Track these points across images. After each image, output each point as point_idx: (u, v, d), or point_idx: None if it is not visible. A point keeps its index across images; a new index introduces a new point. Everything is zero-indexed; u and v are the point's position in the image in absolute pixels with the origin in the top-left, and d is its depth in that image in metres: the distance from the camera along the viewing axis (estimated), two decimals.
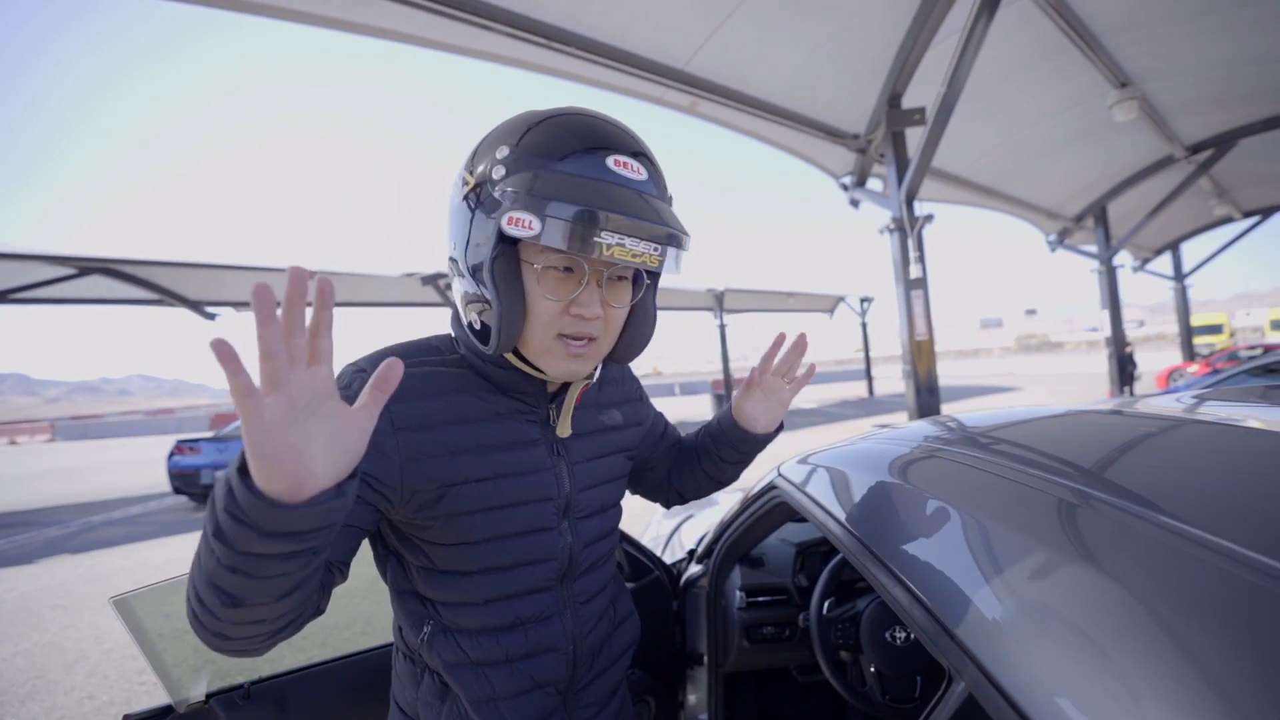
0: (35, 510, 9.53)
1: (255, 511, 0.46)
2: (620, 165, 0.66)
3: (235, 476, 0.46)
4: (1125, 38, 6.07)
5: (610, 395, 0.91)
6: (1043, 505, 0.60)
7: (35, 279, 9.63)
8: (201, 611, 0.54)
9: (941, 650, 0.55)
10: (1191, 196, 11.23)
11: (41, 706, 2.98)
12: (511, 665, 0.75)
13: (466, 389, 0.75)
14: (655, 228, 0.63)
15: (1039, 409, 1.12)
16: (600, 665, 0.85)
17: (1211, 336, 23.66)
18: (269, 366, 0.45)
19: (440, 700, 0.76)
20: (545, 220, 0.61)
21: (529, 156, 0.65)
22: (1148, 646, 0.40)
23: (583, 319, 0.69)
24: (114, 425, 32.96)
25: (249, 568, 0.49)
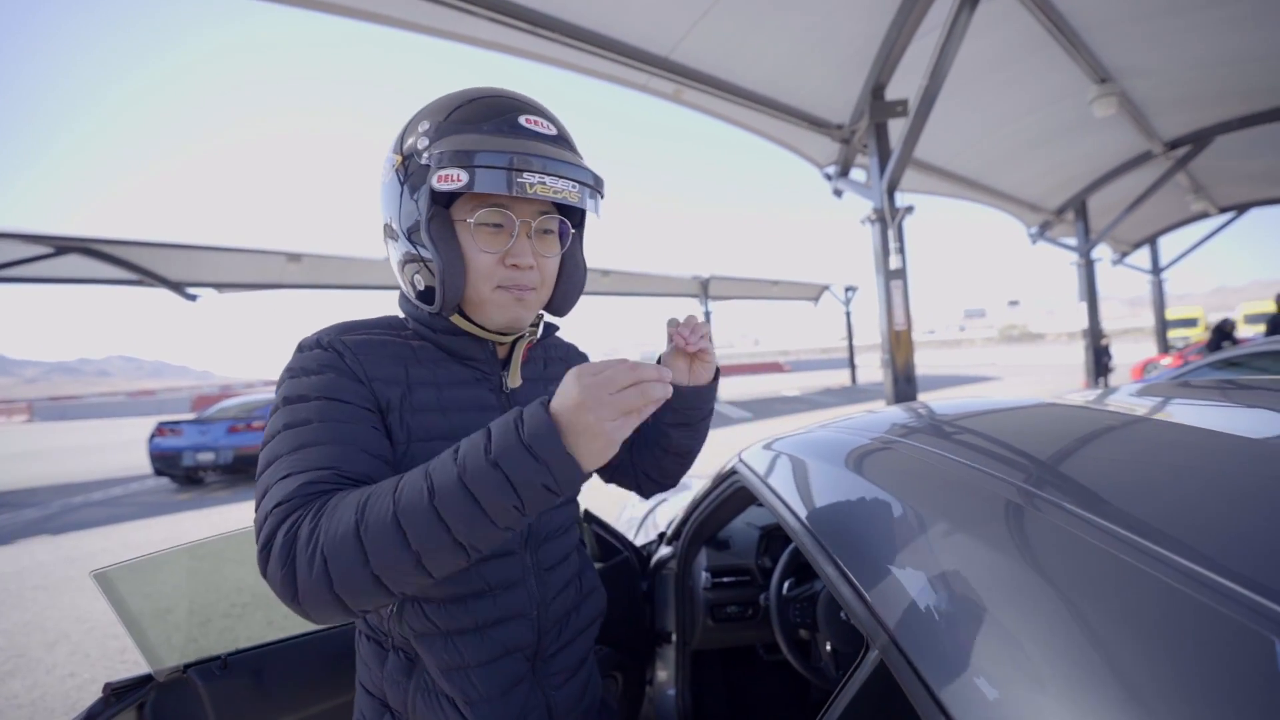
0: (13, 491, 9.42)
1: (559, 466, 0.55)
2: (531, 122, 0.73)
3: (551, 436, 0.54)
4: (1105, 34, 6.13)
5: (557, 371, 0.94)
6: (975, 495, 0.64)
7: (10, 258, 9.43)
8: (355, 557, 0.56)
9: (860, 621, 0.62)
10: (1169, 192, 11.39)
11: (23, 684, 3.01)
12: (481, 632, 0.77)
13: (426, 359, 0.79)
14: (570, 166, 0.70)
15: (1002, 401, 1.17)
16: (568, 635, 0.87)
17: (1187, 330, 24.07)
18: (634, 394, 0.56)
19: (406, 676, 0.78)
20: (471, 171, 0.66)
21: (451, 124, 0.71)
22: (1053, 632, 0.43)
23: (518, 268, 0.75)
24: (94, 406, 32.44)
25: (496, 504, 0.55)
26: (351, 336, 0.75)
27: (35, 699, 2.85)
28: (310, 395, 0.69)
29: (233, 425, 8.57)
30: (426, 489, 0.55)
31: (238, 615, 1.24)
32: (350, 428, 0.68)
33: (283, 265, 11.52)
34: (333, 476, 0.63)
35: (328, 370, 0.71)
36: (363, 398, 0.71)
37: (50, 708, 2.77)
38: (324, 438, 0.66)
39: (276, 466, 0.65)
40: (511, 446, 0.54)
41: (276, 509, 0.60)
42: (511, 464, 0.54)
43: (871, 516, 0.73)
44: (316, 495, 0.61)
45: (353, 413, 0.69)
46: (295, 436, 0.66)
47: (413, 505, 0.55)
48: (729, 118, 6.80)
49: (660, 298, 18.96)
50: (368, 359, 0.73)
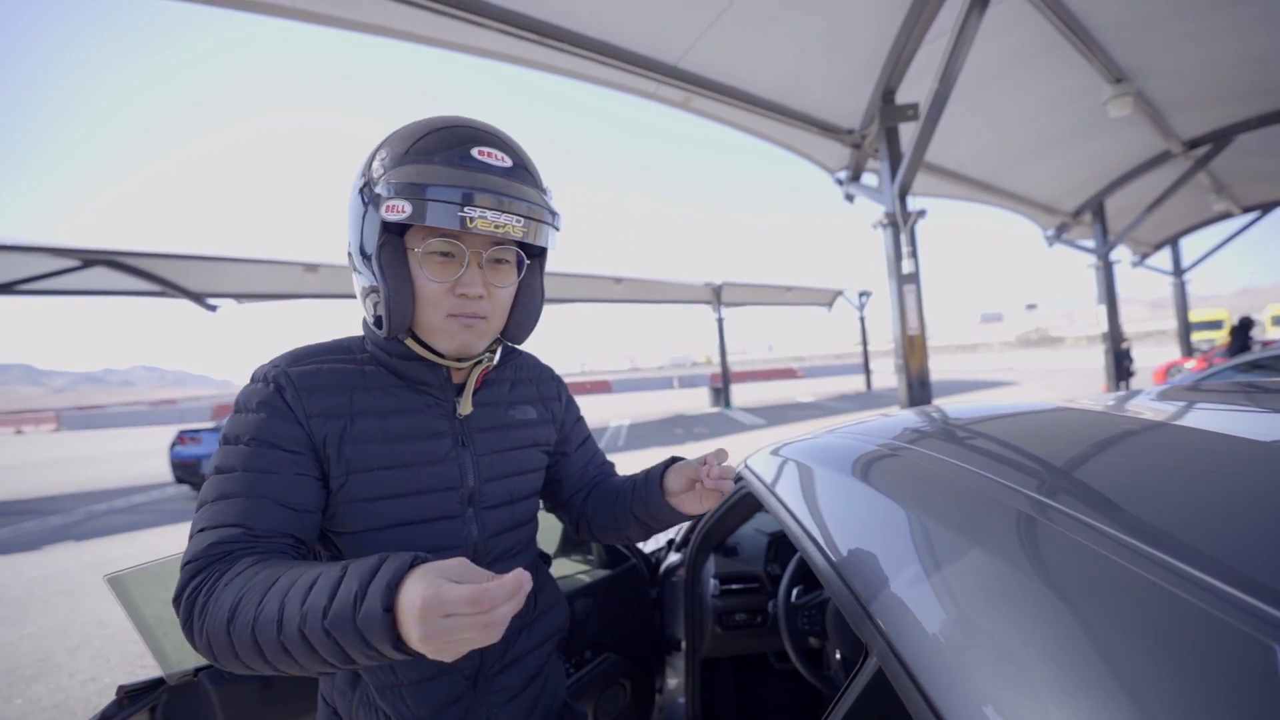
0: (41, 499, 9.61)
1: (387, 651, 0.53)
2: (484, 155, 0.73)
3: (381, 626, 0.52)
4: (1119, 34, 6.07)
5: (524, 394, 0.94)
6: (976, 502, 0.64)
7: (40, 271, 9.67)
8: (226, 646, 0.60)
9: (860, 628, 0.61)
10: (1190, 192, 11.19)
11: (47, 688, 3.07)
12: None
13: (375, 385, 0.79)
14: (515, 202, 0.70)
15: (1015, 405, 1.16)
16: (514, 654, 0.87)
17: (1211, 332, 23.55)
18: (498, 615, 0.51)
19: (352, 689, 0.80)
20: (417, 204, 0.67)
21: (407, 156, 0.72)
22: (1051, 640, 0.43)
23: (467, 298, 0.75)
24: (118, 415, 33.05)
25: (330, 657, 0.56)
26: (299, 368, 0.76)
27: (58, 702, 2.90)
28: (243, 438, 0.72)
29: None
30: (277, 620, 0.57)
31: None
32: (270, 479, 0.70)
33: (299, 275, 11.70)
34: (240, 535, 0.67)
35: (263, 409, 0.73)
36: (293, 440, 0.73)
37: (72, 710, 2.81)
38: (242, 490, 0.69)
39: (201, 514, 0.69)
40: (345, 620, 0.54)
41: (187, 565, 0.66)
42: (342, 635, 0.54)
43: (873, 524, 0.72)
44: (221, 557, 0.65)
45: (277, 460, 0.71)
46: (220, 484, 0.70)
47: (265, 629, 0.57)
48: (739, 124, 6.81)
49: (673, 305, 18.96)
50: (309, 393, 0.75)
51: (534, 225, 0.73)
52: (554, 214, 0.76)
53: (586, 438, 1.06)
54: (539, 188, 0.78)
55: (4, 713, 2.84)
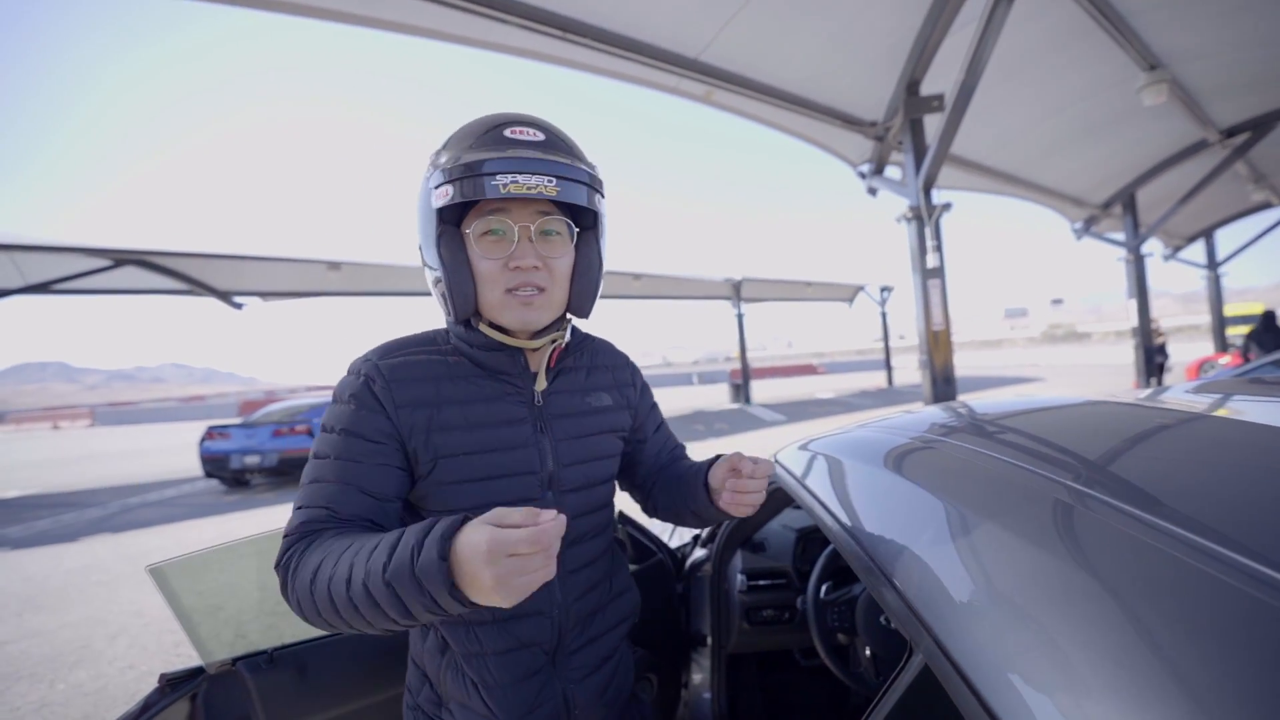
0: (78, 492, 9.88)
1: (444, 601, 0.58)
2: (516, 132, 0.77)
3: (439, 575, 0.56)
4: (1154, 18, 5.89)
5: (600, 380, 0.96)
6: (1023, 496, 0.62)
7: (74, 271, 9.95)
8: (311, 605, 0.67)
9: (904, 624, 0.60)
10: (1226, 182, 10.85)
11: (88, 674, 3.16)
12: (497, 625, 0.82)
13: (460, 375, 0.83)
14: (549, 163, 0.75)
15: (1046, 399, 1.13)
16: (591, 633, 0.90)
17: (1247, 327, 22.87)
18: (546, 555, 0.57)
19: (440, 654, 0.85)
20: (456, 184, 0.73)
21: (452, 150, 0.77)
22: (1105, 634, 0.42)
23: (521, 270, 0.78)
24: (149, 411, 33.91)
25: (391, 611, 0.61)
26: (389, 360, 0.81)
27: (99, 688, 2.99)
28: (336, 427, 0.78)
29: (277, 429, 8.84)
30: (346, 580, 0.63)
31: (281, 613, 1.28)
32: (356, 468, 0.76)
33: (323, 273, 11.88)
34: (326, 516, 0.74)
35: (354, 401, 0.78)
36: (380, 431, 0.78)
37: (113, 697, 2.90)
38: (331, 475, 0.76)
39: (299, 494, 0.77)
40: (404, 571, 0.58)
41: (285, 538, 0.73)
42: (402, 587, 0.59)
43: (912, 517, 0.71)
44: (311, 533, 0.73)
45: (364, 450, 0.77)
46: (315, 468, 0.77)
47: (337, 588, 0.63)
48: (760, 118, 6.75)
49: (693, 300, 18.91)
50: (398, 384, 0.79)
51: (568, 185, 0.76)
52: (589, 173, 0.79)
53: (660, 424, 1.09)
54: (575, 156, 0.81)
55: (48, 697, 2.94)
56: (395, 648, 1.23)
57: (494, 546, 0.54)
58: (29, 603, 4.38)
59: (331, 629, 0.68)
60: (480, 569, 0.55)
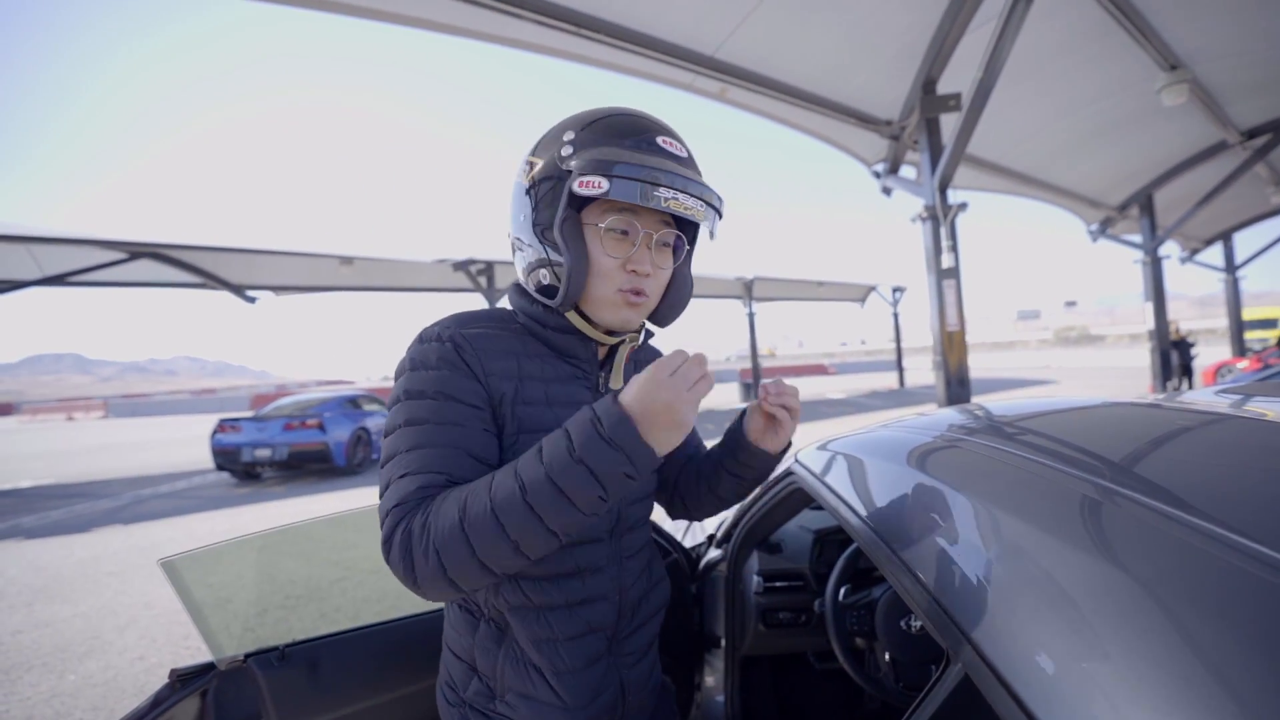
0: (91, 483, 10.00)
1: (639, 455, 0.63)
2: (666, 143, 0.80)
3: (630, 428, 0.62)
4: (1175, 16, 5.80)
5: None
6: (1056, 496, 0.60)
7: (89, 263, 10.05)
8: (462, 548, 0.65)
9: (942, 633, 0.57)
10: (1246, 184, 10.71)
11: (98, 664, 3.18)
12: (570, 610, 0.82)
13: (535, 353, 0.84)
14: (699, 186, 0.76)
15: (1066, 400, 1.11)
16: (640, 618, 0.92)
17: (1266, 331, 22.53)
18: (704, 385, 0.65)
19: (496, 645, 0.83)
20: (613, 180, 0.72)
21: (593, 137, 0.77)
22: (1149, 637, 0.40)
23: (637, 274, 0.80)
24: (161, 404, 34.28)
25: (582, 494, 0.63)
26: (469, 330, 0.80)
27: (109, 679, 3.01)
28: (428, 392, 0.75)
29: (288, 423, 8.91)
30: (518, 486, 0.64)
31: (291, 607, 1.27)
32: (461, 431, 0.74)
33: (335, 268, 11.94)
34: (444, 481, 0.72)
35: (444, 366, 0.76)
36: (476, 395, 0.77)
37: (122, 688, 2.91)
38: (437, 440, 0.73)
39: (396, 463, 0.73)
40: (592, 441, 0.62)
41: (395, 509, 0.70)
42: (595, 458, 0.62)
43: (945, 518, 0.68)
44: (429, 498, 0.70)
45: (464, 413, 0.75)
46: (413, 435, 0.74)
47: (507, 501, 0.64)
48: (775, 116, 6.71)
49: (704, 299, 18.88)
50: (485, 353, 0.79)
51: (709, 211, 0.78)
52: (721, 200, 0.81)
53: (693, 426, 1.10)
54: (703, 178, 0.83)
55: (58, 687, 2.96)
56: (408, 645, 1.22)
57: (659, 367, 0.63)
58: (41, 592, 4.43)
59: (479, 573, 0.66)
60: (659, 392, 0.62)
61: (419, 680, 1.21)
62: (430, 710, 1.24)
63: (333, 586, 1.35)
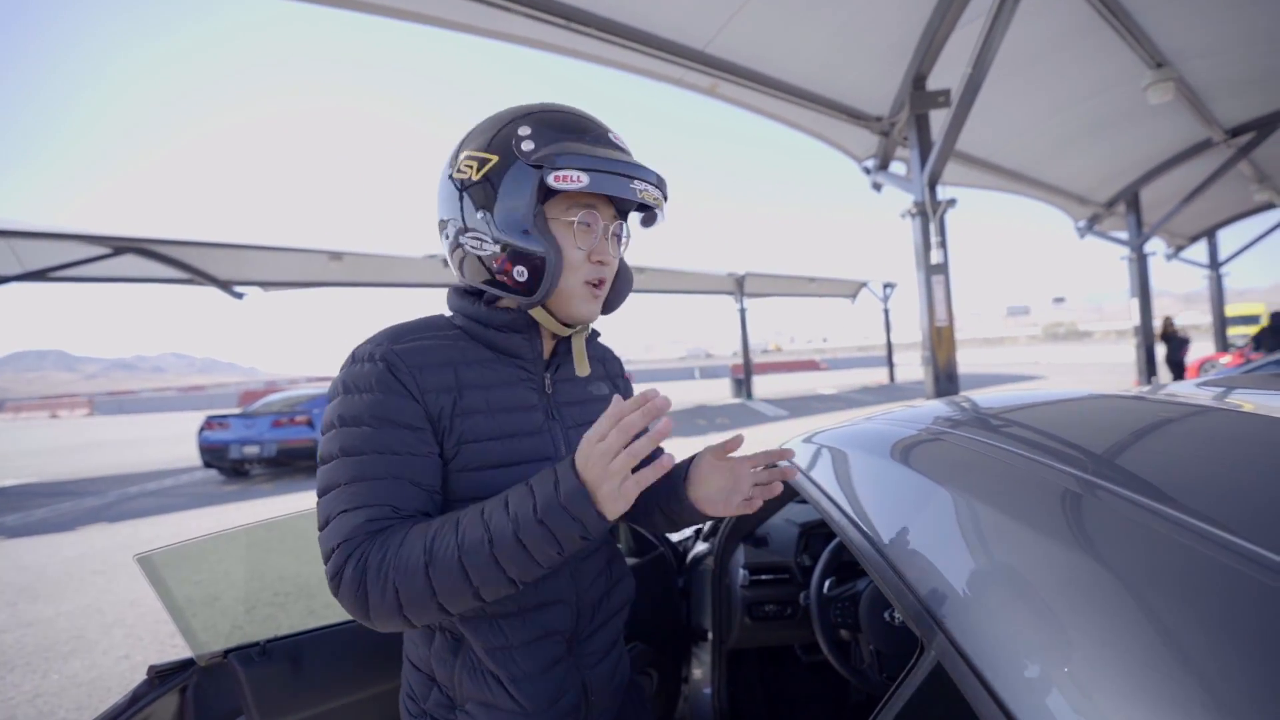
0: (76, 481, 9.88)
1: (591, 522, 0.64)
2: (617, 139, 0.83)
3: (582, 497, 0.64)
4: (1162, 14, 5.84)
5: (596, 371, 0.97)
6: (1035, 488, 0.61)
7: (73, 258, 9.91)
8: (423, 588, 0.66)
9: (915, 622, 0.58)
10: (1230, 182, 10.84)
11: (82, 664, 3.15)
12: (524, 616, 0.81)
13: (474, 359, 0.82)
14: (658, 177, 0.80)
15: (1050, 393, 1.12)
16: (600, 618, 0.91)
17: (1248, 327, 22.82)
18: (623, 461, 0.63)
19: (453, 655, 0.83)
20: (591, 174, 0.73)
21: (553, 132, 0.77)
22: (1119, 626, 0.40)
23: (602, 264, 0.82)
24: (148, 401, 33.91)
25: (542, 551, 0.65)
26: (402, 345, 0.78)
27: (93, 679, 2.98)
28: (364, 418, 0.73)
29: (276, 420, 8.83)
30: (487, 537, 0.65)
31: (280, 604, 1.26)
32: (400, 460, 0.73)
33: (325, 264, 11.85)
34: (390, 513, 0.71)
35: (379, 388, 0.74)
36: (414, 415, 0.75)
37: (107, 687, 2.88)
38: (378, 471, 0.72)
39: (336, 496, 0.72)
40: (552, 505, 0.64)
41: (343, 545, 0.69)
42: (554, 521, 0.64)
43: (921, 509, 0.69)
44: (377, 532, 0.70)
45: (403, 439, 0.74)
46: (352, 466, 0.72)
47: (474, 549, 0.65)
48: (765, 111, 6.71)
49: (695, 295, 18.88)
50: (420, 368, 0.77)
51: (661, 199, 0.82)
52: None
53: None
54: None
55: (41, 687, 2.92)
56: (389, 640, 1.21)
57: (587, 440, 0.63)
58: (24, 591, 4.38)
59: (436, 614, 0.68)
60: (599, 472, 0.62)
61: (401, 676, 1.20)
62: None
63: (322, 583, 1.34)
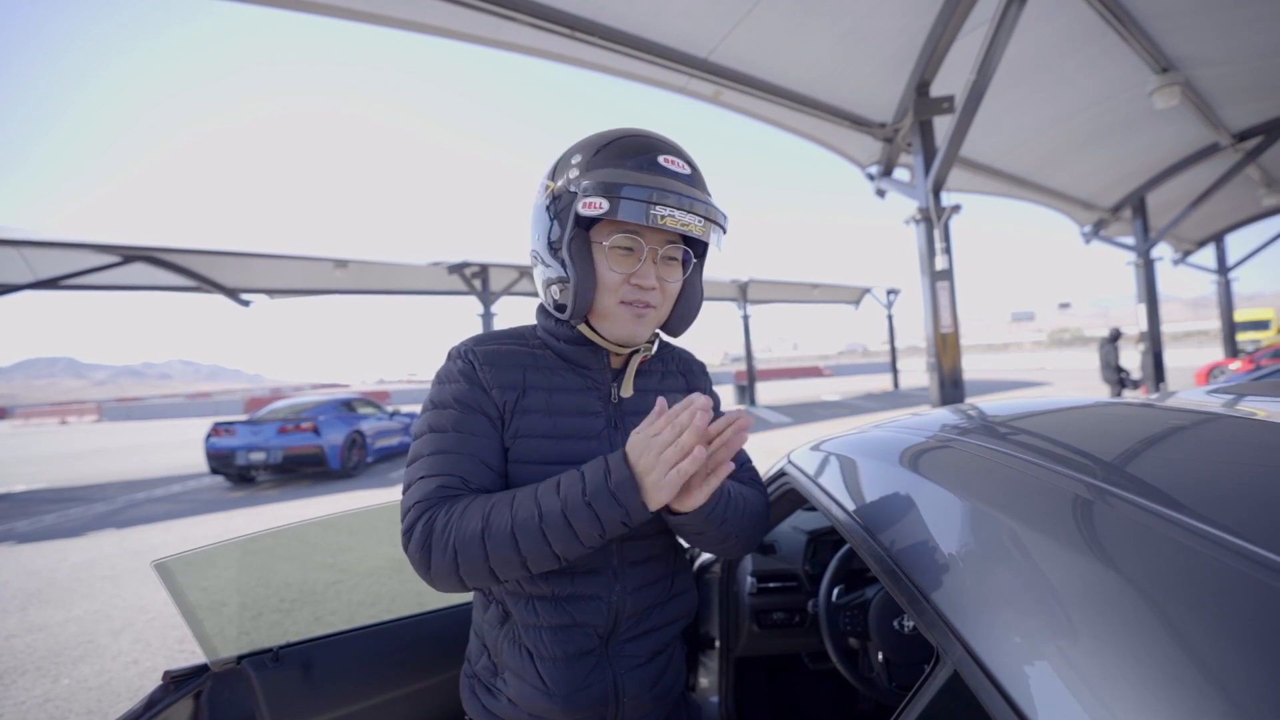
0: (84, 487, 9.93)
1: (634, 509, 0.71)
2: (669, 162, 0.84)
3: (631, 486, 0.71)
4: (1168, 21, 5.84)
5: (673, 384, 1.02)
6: (1047, 495, 0.60)
7: (83, 266, 10.00)
8: (478, 554, 0.74)
9: (932, 631, 0.58)
10: (1238, 186, 10.77)
11: (92, 669, 3.16)
12: (555, 602, 0.87)
13: (544, 365, 0.91)
14: (699, 203, 0.80)
15: (1059, 400, 1.11)
16: (645, 626, 0.93)
17: (1257, 333, 22.66)
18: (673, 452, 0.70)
19: (500, 625, 0.90)
20: (613, 201, 0.77)
21: (600, 159, 0.82)
22: (1143, 637, 0.40)
23: (641, 288, 0.85)
24: (156, 407, 34.08)
25: (586, 531, 0.72)
26: (482, 347, 0.89)
27: (103, 683, 2.99)
28: (448, 402, 0.85)
29: (282, 426, 8.86)
30: (537, 513, 0.73)
31: (286, 610, 1.27)
32: (474, 440, 0.83)
33: (330, 271, 11.91)
34: (460, 484, 0.81)
35: (464, 379, 0.86)
36: (487, 405, 0.85)
37: (116, 692, 2.90)
38: (455, 447, 0.82)
39: (419, 464, 0.83)
40: (601, 491, 0.71)
41: (417, 505, 0.79)
42: (601, 505, 0.71)
43: (936, 518, 0.69)
44: (448, 498, 0.79)
45: (478, 423, 0.84)
46: (435, 441, 0.83)
47: (525, 523, 0.73)
48: (769, 118, 6.73)
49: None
50: (491, 368, 0.87)
51: (709, 225, 0.82)
52: (724, 216, 0.85)
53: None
54: (708, 193, 0.87)
55: (52, 692, 2.94)
56: (403, 645, 1.22)
57: (640, 452, 0.70)
58: (34, 597, 4.40)
59: (486, 577, 0.75)
60: (650, 460, 0.69)
61: (413, 681, 1.21)
62: (423, 711, 1.24)
63: (328, 589, 1.35)
